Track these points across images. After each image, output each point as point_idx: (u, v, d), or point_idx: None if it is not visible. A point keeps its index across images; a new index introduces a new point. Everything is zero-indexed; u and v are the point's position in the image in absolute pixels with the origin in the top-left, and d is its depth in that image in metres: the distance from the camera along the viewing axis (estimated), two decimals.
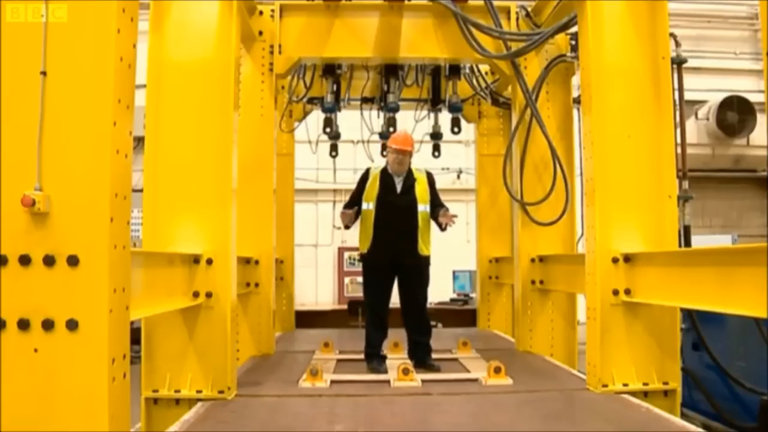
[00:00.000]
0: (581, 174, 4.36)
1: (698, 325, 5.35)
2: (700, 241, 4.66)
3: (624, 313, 3.85)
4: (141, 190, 3.72)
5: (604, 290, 3.86)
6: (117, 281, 2.37)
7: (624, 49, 4.00)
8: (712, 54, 12.01)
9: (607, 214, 3.95)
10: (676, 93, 5.10)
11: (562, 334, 5.44)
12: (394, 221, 4.65)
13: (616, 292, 3.85)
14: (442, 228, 4.75)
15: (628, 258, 3.85)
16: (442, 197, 4.94)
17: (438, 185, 4.99)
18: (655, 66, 3.98)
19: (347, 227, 4.85)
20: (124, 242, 2.44)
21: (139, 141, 3.43)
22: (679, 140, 4.94)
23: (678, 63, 5.32)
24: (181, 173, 3.82)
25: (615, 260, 3.86)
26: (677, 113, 5.05)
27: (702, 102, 11.77)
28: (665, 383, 3.85)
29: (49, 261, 2.29)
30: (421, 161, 6.69)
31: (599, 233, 3.93)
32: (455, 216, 4.68)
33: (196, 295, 3.73)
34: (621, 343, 3.84)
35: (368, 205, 4.71)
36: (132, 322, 2.57)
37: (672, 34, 4.61)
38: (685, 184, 5.34)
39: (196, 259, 3.75)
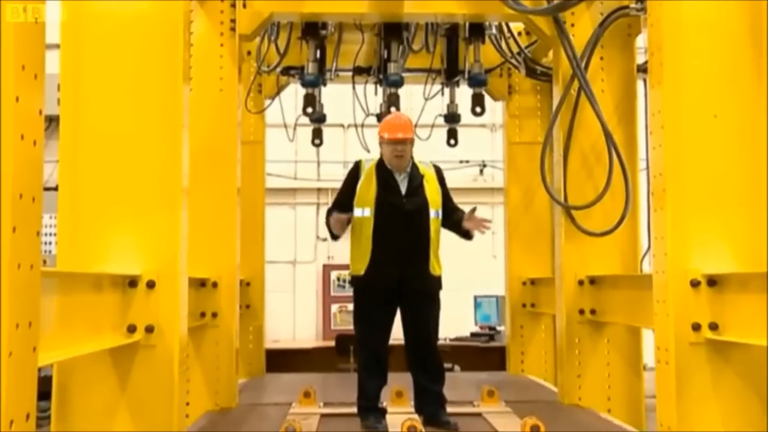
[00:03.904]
0: (647, 168, 4.30)
1: None
2: None
3: (709, 356, 3.77)
4: (56, 188, 3.66)
5: (680, 324, 3.80)
6: (20, 313, 2.29)
7: None
8: None
9: (682, 221, 3.90)
10: None
11: (623, 383, 5.39)
12: (400, 232, 4.62)
13: (697, 327, 3.77)
14: (469, 236, 4.75)
15: (713, 281, 3.78)
16: (461, 198, 4.93)
17: (456, 183, 4.99)
18: (755, 18, 3.89)
19: (336, 237, 4.82)
20: (32, 260, 2.37)
21: (52, 121, 3.36)
22: None
23: None
24: (111, 166, 3.76)
25: (695, 284, 3.79)
26: None
27: None
28: None
29: None
30: (432, 152, 6.65)
31: (672, 247, 3.88)
32: (488, 221, 4.68)
33: (131, 329, 3.67)
34: (706, 396, 3.75)
35: (364, 212, 4.68)
36: (40, 369, 2.50)
37: None
38: None
39: (132, 282, 3.71)
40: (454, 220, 4.73)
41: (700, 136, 3.90)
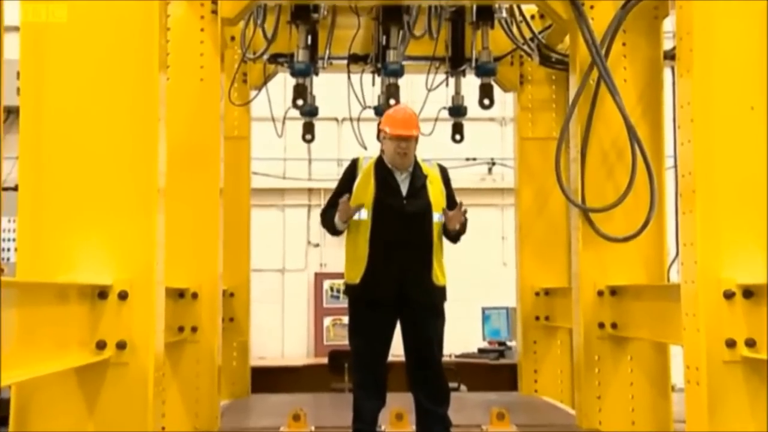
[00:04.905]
0: (674, 166, 4.31)
1: None
2: None
3: (745, 376, 3.75)
4: (15, 188, 3.64)
5: (712, 340, 3.78)
6: None
7: None
8: None
9: (714, 225, 3.89)
10: None
11: (648, 405, 5.37)
12: (400, 237, 4.64)
13: (731, 344, 3.75)
14: (452, 236, 4.76)
15: (749, 292, 3.76)
16: (468, 200, 5.01)
17: (462, 183, 4.99)
18: None
19: (337, 233, 4.81)
20: None
21: (11, 113, 3.34)
22: None
23: None
24: (78, 163, 3.74)
25: (729, 295, 3.77)
26: None
27: None
28: None
29: None
30: (436, 149, 6.62)
31: (703, 254, 3.88)
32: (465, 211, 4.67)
33: (101, 346, 3.65)
34: (742, 421, 3.73)
35: (360, 214, 4.71)
36: None
37: None
38: None
39: (102, 293, 3.69)
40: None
41: (735, 131, 3.89)
